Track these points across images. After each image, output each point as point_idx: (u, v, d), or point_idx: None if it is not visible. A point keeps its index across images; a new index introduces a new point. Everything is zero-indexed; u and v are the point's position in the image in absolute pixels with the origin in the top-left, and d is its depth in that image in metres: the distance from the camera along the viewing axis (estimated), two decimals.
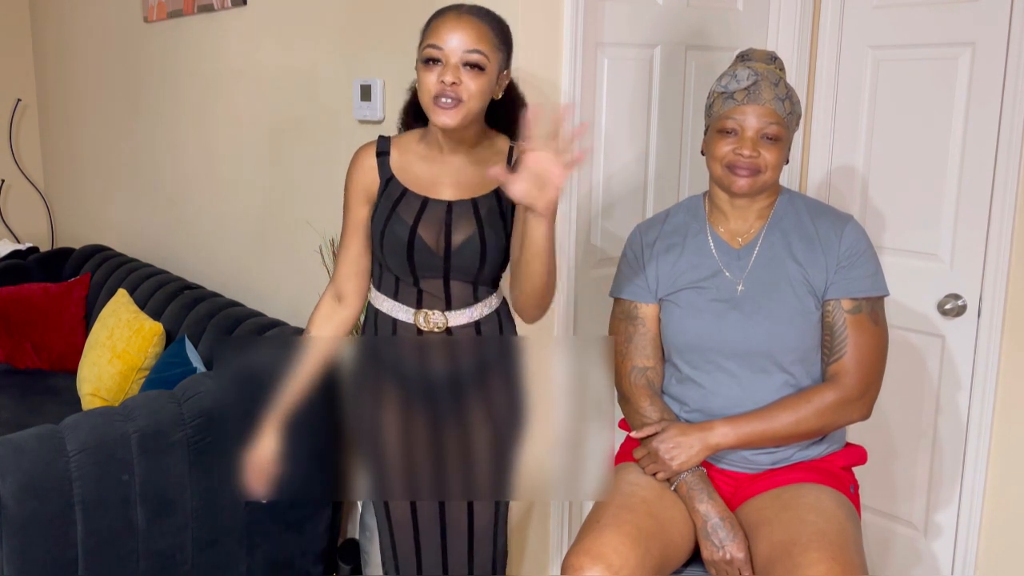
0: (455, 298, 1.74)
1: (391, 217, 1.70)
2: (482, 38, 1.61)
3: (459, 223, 1.70)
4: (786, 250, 1.76)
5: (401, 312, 1.76)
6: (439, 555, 1.84)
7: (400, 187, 1.72)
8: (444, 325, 1.74)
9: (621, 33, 2.25)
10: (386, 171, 1.74)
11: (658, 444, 1.74)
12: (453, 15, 1.61)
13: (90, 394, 2.90)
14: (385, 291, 1.78)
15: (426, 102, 1.62)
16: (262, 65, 2.87)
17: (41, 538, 1.97)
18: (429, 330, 1.74)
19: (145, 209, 3.74)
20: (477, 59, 1.60)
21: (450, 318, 1.74)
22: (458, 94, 1.59)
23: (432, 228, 1.70)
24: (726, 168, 1.72)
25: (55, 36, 4.27)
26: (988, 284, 2.24)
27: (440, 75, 1.59)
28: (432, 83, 1.60)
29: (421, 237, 1.69)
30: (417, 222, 1.70)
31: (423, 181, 1.73)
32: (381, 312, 1.78)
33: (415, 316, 1.75)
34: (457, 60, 1.59)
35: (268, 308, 2.93)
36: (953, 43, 2.25)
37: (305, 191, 2.76)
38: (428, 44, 1.60)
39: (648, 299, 1.84)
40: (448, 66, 1.59)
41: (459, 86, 1.59)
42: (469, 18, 1.61)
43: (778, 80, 1.72)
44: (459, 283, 1.73)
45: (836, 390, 1.72)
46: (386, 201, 1.72)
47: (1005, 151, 2.18)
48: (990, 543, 2.33)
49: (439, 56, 1.60)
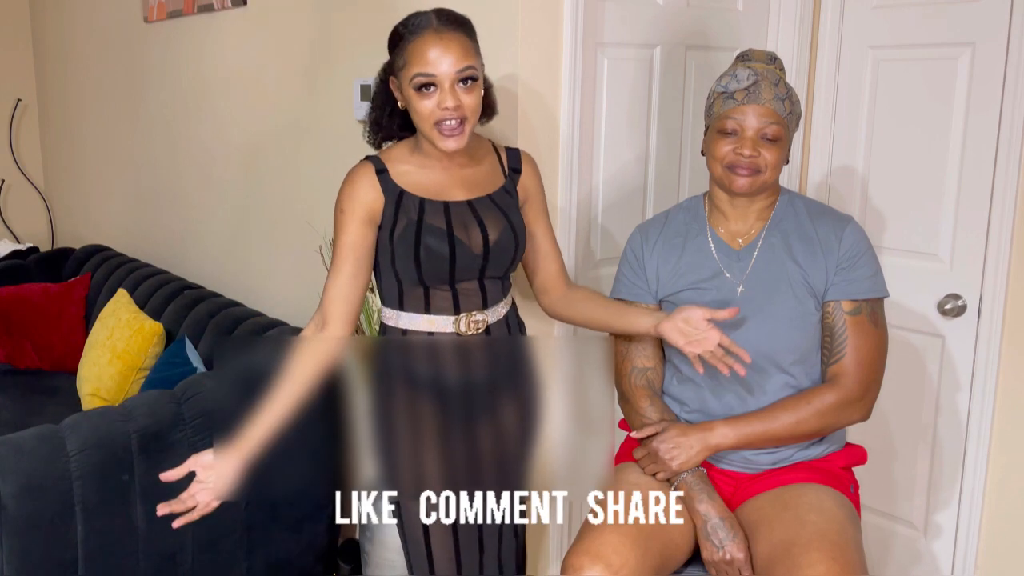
0: (490, 295, 1.74)
1: (422, 228, 1.66)
2: (468, 51, 1.61)
3: (489, 218, 1.70)
4: (786, 251, 1.76)
5: (436, 324, 1.71)
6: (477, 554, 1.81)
7: (416, 198, 1.68)
8: (485, 323, 1.73)
9: (621, 33, 2.25)
10: (392, 187, 1.68)
11: (658, 444, 1.74)
12: (433, 35, 1.59)
13: (90, 394, 2.90)
14: (412, 308, 1.71)
15: (427, 129, 1.62)
16: (262, 65, 2.87)
17: (41, 538, 1.97)
18: (470, 332, 1.72)
19: (145, 209, 3.74)
20: (470, 73, 1.61)
21: (489, 315, 1.74)
22: (460, 114, 1.60)
23: (465, 227, 1.68)
24: (726, 168, 1.72)
25: (55, 36, 4.27)
26: (988, 284, 2.24)
27: (439, 101, 1.59)
28: (432, 110, 1.60)
29: (460, 239, 1.67)
30: (451, 226, 1.67)
31: (433, 188, 1.70)
32: (411, 331, 1.72)
33: (455, 323, 1.71)
34: (451, 82, 1.59)
35: (268, 308, 2.93)
36: (953, 43, 2.25)
37: (305, 191, 2.76)
38: (418, 73, 1.59)
39: (648, 300, 1.84)
40: (444, 90, 1.59)
41: (461, 107, 1.59)
42: (449, 34, 1.60)
43: (778, 80, 1.72)
44: (492, 280, 1.74)
45: (836, 391, 1.72)
46: (407, 216, 1.67)
47: (1005, 151, 2.17)
48: (990, 543, 2.33)
49: (433, 82, 1.59)
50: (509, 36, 2.05)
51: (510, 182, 1.78)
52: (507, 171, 1.78)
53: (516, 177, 1.79)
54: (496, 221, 1.71)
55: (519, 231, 1.74)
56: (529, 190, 1.81)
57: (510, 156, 1.80)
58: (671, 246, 1.84)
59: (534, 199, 1.82)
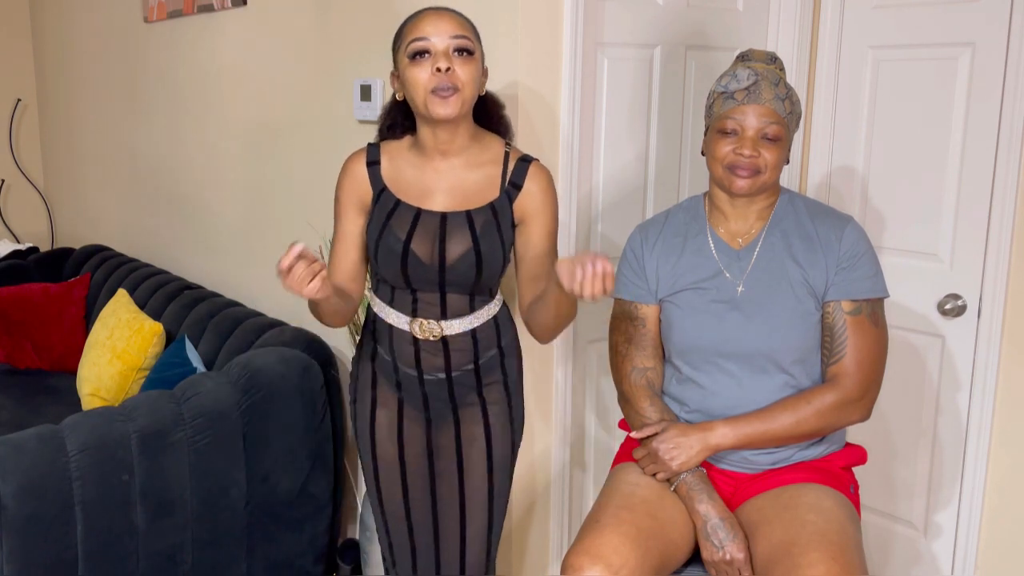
0: (451, 308, 1.73)
1: (384, 230, 1.69)
2: (464, 25, 1.63)
3: (453, 236, 1.67)
4: (786, 251, 1.76)
5: (397, 318, 1.76)
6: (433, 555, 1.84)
7: (393, 198, 1.71)
8: (439, 334, 1.74)
9: (621, 33, 2.25)
10: (378, 182, 1.72)
11: (658, 444, 1.74)
12: (431, 11, 1.63)
13: (90, 394, 2.90)
14: (382, 296, 1.78)
15: (421, 97, 1.60)
16: (262, 65, 2.87)
17: (41, 538, 1.97)
18: (424, 338, 1.74)
19: (145, 209, 3.74)
20: (465, 44, 1.60)
21: (445, 327, 1.74)
22: (454, 82, 1.59)
23: (426, 242, 1.67)
24: (726, 168, 1.72)
25: (55, 36, 4.27)
26: (988, 284, 2.24)
27: (433, 63, 1.58)
28: (425, 76, 1.59)
29: (414, 252, 1.67)
30: (410, 237, 1.67)
31: (415, 190, 1.71)
32: (379, 316, 1.79)
33: (410, 324, 1.74)
34: (446, 47, 1.59)
35: (268, 308, 2.93)
36: (953, 43, 2.25)
37: (305, 191, 2.76)
38: (414, 38, 1.59)
39: (648, 300, 1.84)
40: (438, 54, 1.59)
41: (454, 73, 1.58)
42: (447, 11, 1.64)
43: (778, 80, 1.72)
44: (455, 295, 1.72)
45: (836, 391, 1.72)
46: (380, 213, 1.71)
47: (1005, 151, 2.18)
48: (990, 543, 2.33)
49: (427, 47, 1.59)
50: (509, 36, 2.05)
51: (504, 198, 1.69)
52: (507, 184, 1.69)
53: (514, 193, 1.69)
54: (461, 240, 1.66)
55: (488, 255, 1.67)
56: (527, 210, 1.69)
57: (516, 171, 1.69)
58: (671, 246, 1.84)
59: (532, 221, 1.70)
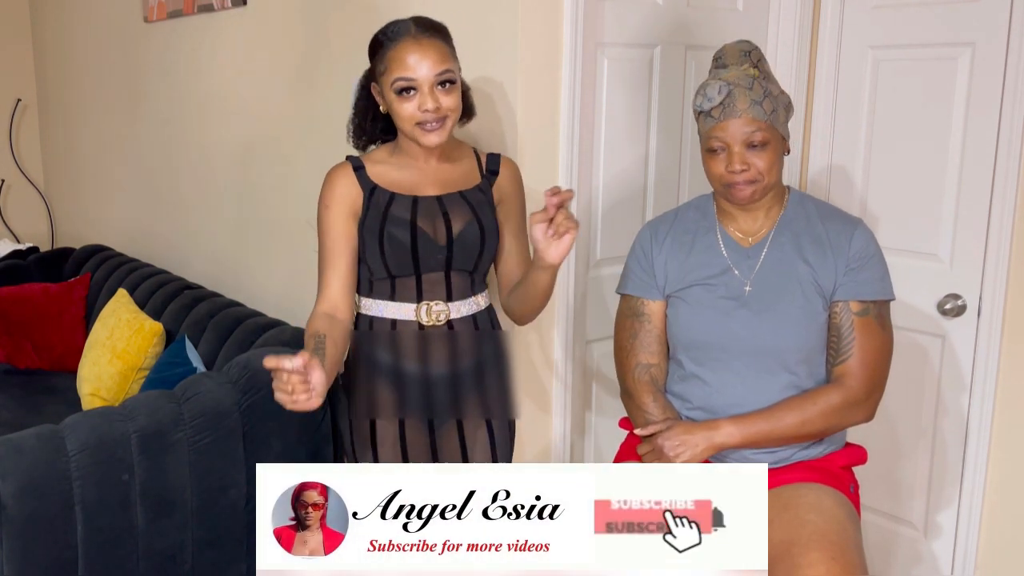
0: (456, 289, 1.79)
1: (387, 219, 1.74)
2: (445, 56, 1.70)
3: (454, 212, 1.77)
4: (796, 250, 1.76)
5: (400, 311, 1.78)
6: None
7: (387, 192, 1.77)
8: (447, 316, 1.78)
9: (621, 33, 2.25)
10: (367, 182, 1.78)
11: (663, 441, 1.74)
12: (411, 42, 1.68)
13: (90, 394, 2.90)
14: (379, 295, 1.80)
15: (408, 127, 1.70)
16: (262, 65, 2.87)
17: (41, 538, 1.97)
18: (431, 324, 1.77)
19: (145, 209, 3.74)
20: (448, 76, 1.69)
21: (452, 309, 1.78)
22: (440, 114, 1.68)
23: (430, 219, 1.75)
24: (724, 187, 1.73)
25: (55, 36, 4.27)
26: (988, 284, 2.24)
27: (420, 104, 1.68)
28: (413, 113, 1.69)
29: (422, 228, 1.74)
30: (415, 216, 1.75)
31: (406, 184, 1.79)
32: (377, 318, 1.80)
33: (416, 311, 1.77)
34: (430, 86, 1.68)
35: (268, 308, 2.93)
36: (953, 43, 2.25)
37: (304, 191, 2.75)
38: (399, 77, 1.68)
39: (655, 295, 1.84)
40: (424, 93, 1.68)
41: (440, 108, 1.68)
42: (427, 40, 1.69)
43: (752, 83, 1.69)
44: (459, 274, 1.79)
45: (841, 392, 1.72)
46: (376, 208, 1.76)
47: (1005, 151, 2.17)
48: (990, 543, 2.33)
49: (412, 86, 1.68)
50: (509, 36, 2.05)
51: (486, 182, 1.84)
52: (484, 172, 1.85)
53: (493, 178, 1.85)
54: (462, 214, 1.77)
55: (487, 227, 1.79)
56: (504, 191, 1.86)
57: (490, 159, 1.87)
58: (680, 243, 1.84)
59: (508, 200, 1.87)
